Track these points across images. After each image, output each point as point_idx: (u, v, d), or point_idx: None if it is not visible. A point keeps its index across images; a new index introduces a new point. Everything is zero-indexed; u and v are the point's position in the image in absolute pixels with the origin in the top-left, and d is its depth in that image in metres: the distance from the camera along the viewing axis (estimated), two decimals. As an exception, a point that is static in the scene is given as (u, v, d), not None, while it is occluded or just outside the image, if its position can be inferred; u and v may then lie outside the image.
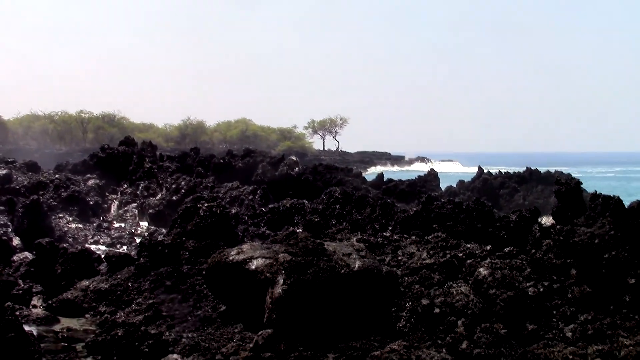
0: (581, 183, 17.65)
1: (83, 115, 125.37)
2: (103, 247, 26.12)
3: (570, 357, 11.01)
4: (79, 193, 34.78)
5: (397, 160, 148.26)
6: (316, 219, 21.30)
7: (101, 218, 33.69)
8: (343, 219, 24.37)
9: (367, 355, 10.39)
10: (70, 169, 42.34)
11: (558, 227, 14.32)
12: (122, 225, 32.88)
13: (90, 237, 28.88)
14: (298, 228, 20.72)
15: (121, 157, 42.37)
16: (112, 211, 35.84)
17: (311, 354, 11.06)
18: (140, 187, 38.01)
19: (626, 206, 14.26)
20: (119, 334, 11.14)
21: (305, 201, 27.87)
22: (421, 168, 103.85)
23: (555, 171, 50.82)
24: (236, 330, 12.68)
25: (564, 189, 16.81)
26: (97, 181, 38.65)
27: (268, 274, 12.20)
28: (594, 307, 12.34)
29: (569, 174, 41.45)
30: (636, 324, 11.57)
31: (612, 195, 14.70)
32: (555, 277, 13.26)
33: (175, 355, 10.44)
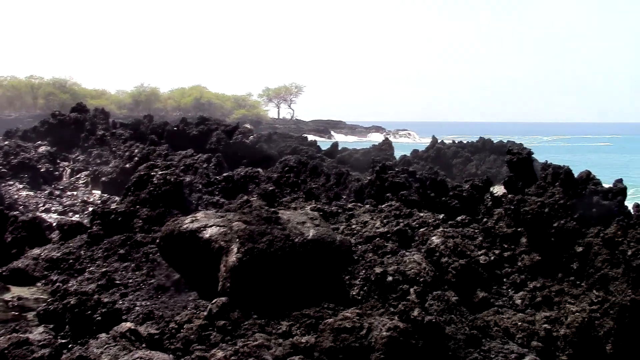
0: (532, 153, 17.88)
1: (33, 80, 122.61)
2: (55, 216, 25.85)
3: (519, 323, 11.27)
4: (29, 160, 34.27)
5: (352, 129, 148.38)
6: (270, 188, 21.32)
7: (52, 186, 33.25)
8: (297, 187, 24.42)
9: (320, 322, 10.47)
10: (20, 136, 41.60)
11: (509, 196, 14.55)
12: (74, 193, 32.50)
13: (42, 205, 28.54)
14: (252, 197, 20.68)
15: (73, 124, 41.73)
16: (63, 179, 35.38)
17: (265, 321, 11.11)
18: (92, 155, 37.55)
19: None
20: (71, 302, 11.04)
21: (260, 170, 27.84)
22: (377, 138, 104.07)
23: (508, 141, 51.42)
24: (190, 298, 12.68)
25: (515, 159, 17.04)
26: (48, 148, 38.10)
27: (222, 243, 12.19)
28: (543, 275, 12.61)
29: (521, 144, 41.95)
30: (583, 291, 11.86)
31: (562, 165, 14.93)
32: (506, 246, 13.50)
33: (128, 324, 10.39)
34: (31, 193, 30.62)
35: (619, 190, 14.94)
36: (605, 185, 15.68)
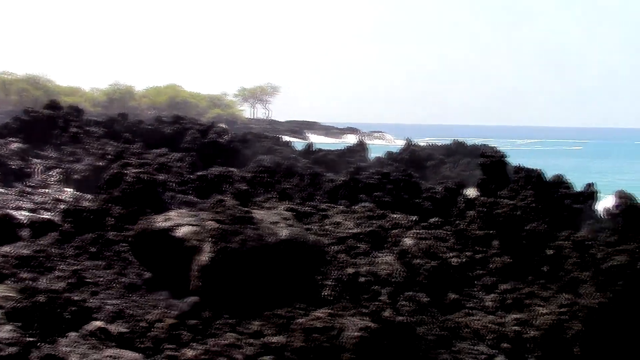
0: (505, 156, 17.97)
1: (5, 76, 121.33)
2: (25, 213, 25.54)
3: (489, 325, 11.34)
4: (0, 157, 33.92)
5: (327, 130, 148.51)
6: (244, 187, 21.30)
7: (24, 183, 32.89)
8: (271, 187, 24.37)
9: (292, 322, 10.48)
10: (-9, 132, 41.13)
11: (482, 199, 14.64)
12: (46, 190, 32.15)
13: (12, 202, 28.20)
14: (226, 196, 20.63)
15: (46, 121, 41.28)
16: (35, 176, 35.03)
17: (236, 321, 11.09)
18: (65, 152, 37.19)
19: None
20: (41, 300, 10.93)
21: (234, 169, 27.75)
22: (351, 140, 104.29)
23: (482, 144, 51.70)
24: (161, 297, 12.60)
25: (488, 162, 17.13)
26: (20, 145, 37.66)
27: (195, 242, 12.15)
28: (514, 277, 12.70)
29: (495, 147, 42.16)
30: (553, 294, 11.96)
31: (534, 169, 15.05)
32: (477, 248, 13.59)
33: (98, 322, 10.33)
34: (1, 190, 30.26)
35: (590, 194, 15.11)
36: (576, 189, 15.85)
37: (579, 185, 16.37)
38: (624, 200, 13.42)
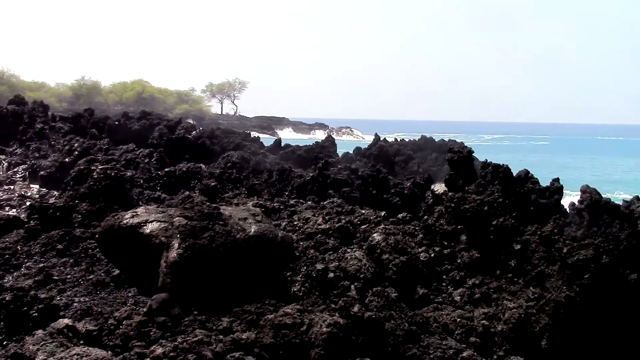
0: (473, 152, 18.03)
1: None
2: (-10, 210, 25.23)
3: (458, 320, 11.43)
4: (-36, 153, 33.48)
5: (296, 126, 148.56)
6: (213, 183, 21.22)
7: (-12, 179, 32.50)
8: (240, 183, 24.32)
9: (261, 318, 10.47)
10: (-46, 128, 40.58)
11: (450, 194, 14.70)
12: (12, 187, 31.80)
13: (-23, 199, 27.84)
14: (194, 192, 20.55)
15: (10, 117, 40.88)
16: (0, 173, 34.62)
17: (205, 317, 11.06)
18: (31, 148, 36.81)
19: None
20: (7, 298, 10.80)
21: (202, 165, 27.63)
22: (320, 136, 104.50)
23: (449, 140, 52.00)
24: (130, 294, 12.54)
25: (456, 157, 17.17)
26: (-16, 141, 37.25)
27: (163, 238, 12.09)
28: (482, 272, 12.78)
29: (462, 143, 42.41)
30: (520, 288, 12.07)
31: (501, 164, 15.12)
32: (446, 243, 13.64)
33: (66, 320, 10.23)
34: (-34, 187, 29.90)
35: (556, 189, 15.22)
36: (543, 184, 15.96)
37: (546, 180, 16.50)
38: (588, 195, 13.57)
